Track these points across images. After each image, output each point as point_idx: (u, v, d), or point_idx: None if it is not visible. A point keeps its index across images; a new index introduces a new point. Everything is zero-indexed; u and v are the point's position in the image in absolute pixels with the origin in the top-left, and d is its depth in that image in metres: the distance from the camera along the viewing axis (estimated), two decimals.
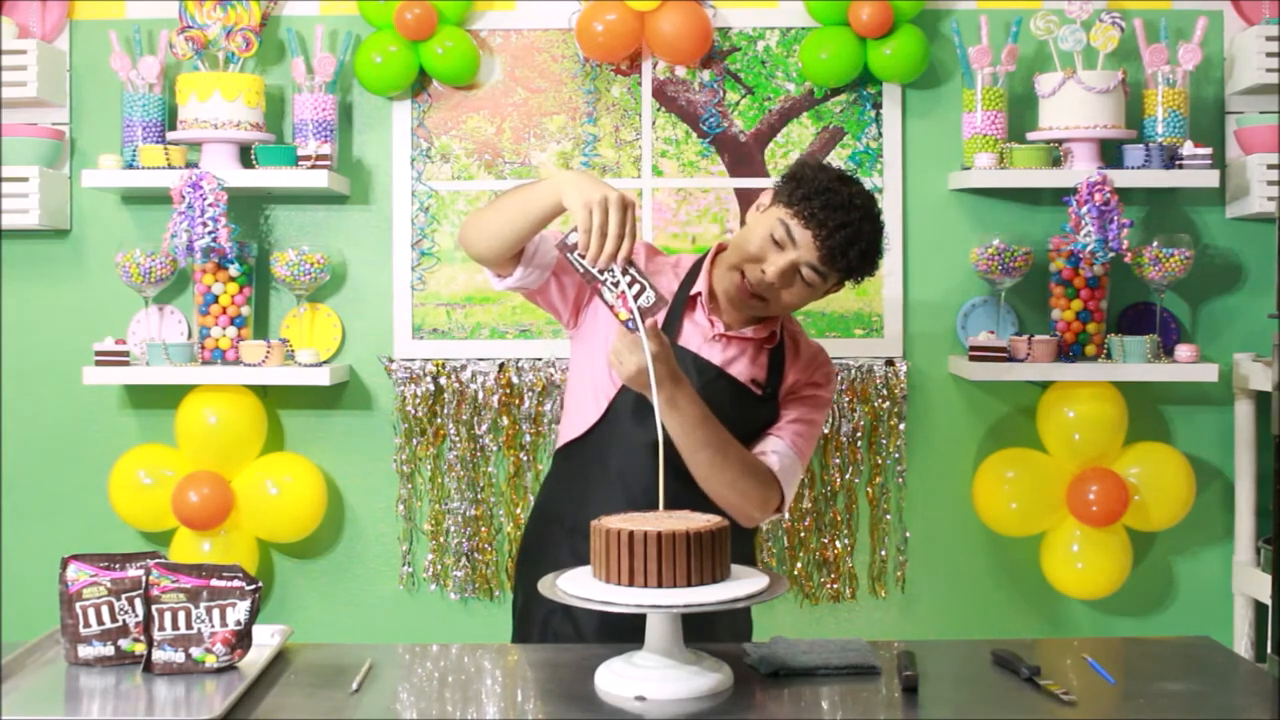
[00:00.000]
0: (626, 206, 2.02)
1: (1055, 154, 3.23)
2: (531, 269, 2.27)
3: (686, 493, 2.13)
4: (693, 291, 2.33)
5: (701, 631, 2.02)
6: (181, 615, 1.89)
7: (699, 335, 2.31)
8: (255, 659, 1.94)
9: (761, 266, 2.22)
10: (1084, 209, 3.10)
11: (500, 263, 2.25)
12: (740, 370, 2.30)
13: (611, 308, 2.05)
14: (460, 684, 1.93)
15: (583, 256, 2.04)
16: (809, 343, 2.42)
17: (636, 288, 2.04)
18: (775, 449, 2.28)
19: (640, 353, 2.06)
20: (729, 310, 2.32)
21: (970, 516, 3.37)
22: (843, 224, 2.19)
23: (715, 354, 2.30)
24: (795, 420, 2.33)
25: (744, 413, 2.28)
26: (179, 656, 1.89)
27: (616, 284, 2.04)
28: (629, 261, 2.04)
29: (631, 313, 2.03)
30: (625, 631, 2.03)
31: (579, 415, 2.33)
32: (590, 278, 2.05)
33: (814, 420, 2.36)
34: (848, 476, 3.35)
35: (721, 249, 2.36)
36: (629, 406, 2.27)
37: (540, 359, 3.34)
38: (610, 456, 2.29)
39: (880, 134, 3.36)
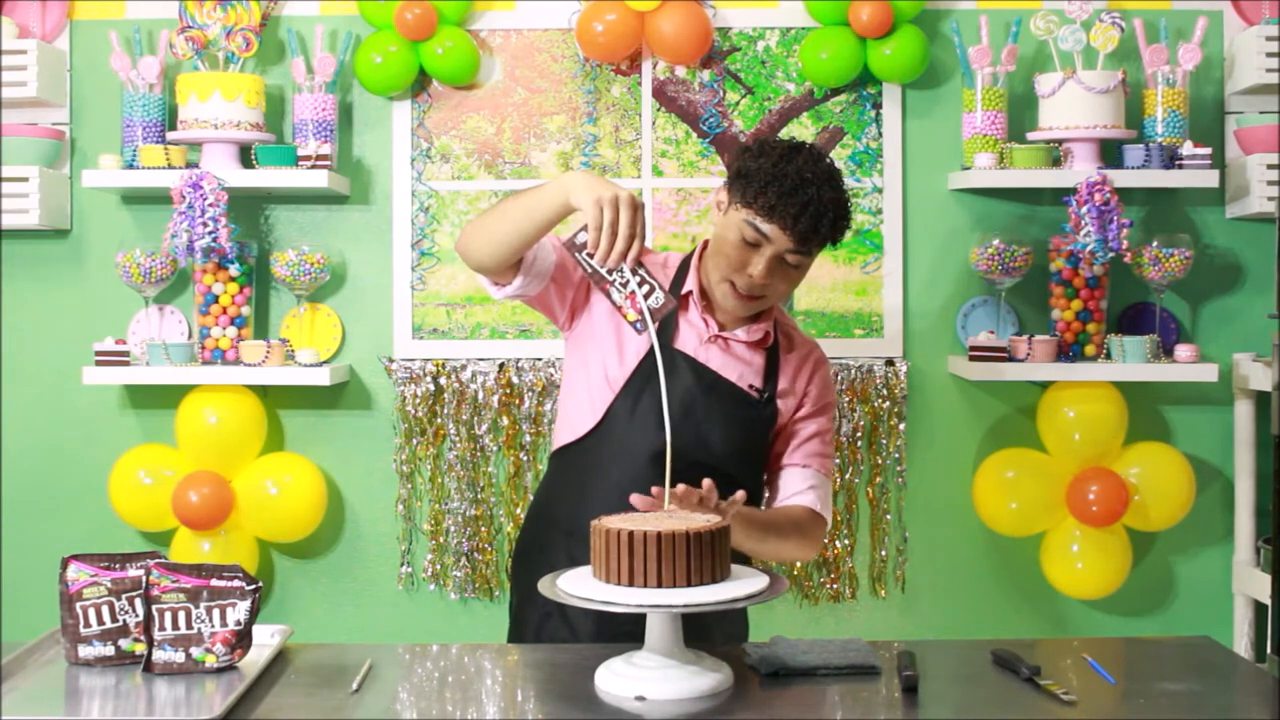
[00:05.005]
0: (637, 206, 2.01)
1: (1055, 154, 3.23)
2: (531, 277, 2.25)
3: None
4: (683, 291, 2.31)
5: (697, 632, 2.01)
6: (181, 615, 1.89)
7: (695, 337, 2.29)
8: (255, 659, 1.94)
9: (748, 271, 2.20)
10: (1084, 209, 3.10)
11: (500, 270, 2.22)
12: (737, 374, 2.28)
13: (619, 308, 2.02)
14: (460, 684, 1.93)
15: (591, 255, 2.02)
16: (803, 339, 2.41)
17: (646, 288, 2.01)
18: (811, 483, 2.32)
19: None
20: (723, 308, 2.30)
21: (970, 516, 3.37)
22: (805, 204, 2.14)
23: (712, 358, 2.28)
24: (814, 436, 2.34)
25: (742, 417, 2.27)
26: (179, 656, 1.89)
27: (626, 284, 2.02)
28: (638, 262, 2.02)
29: (640, 313, 2.01)
30: (621, 637, 2.03)
31: (576, 418, 2.31)
32: (598, 278, 2.03)
33: (828, 430, 2.38)
34: (848, 477, 3.35)
35: (708, 244, 2.34)
36: (628, 412, 2.25)
37: (540, 359, 3.34)
38: (609, 462, 2.26)
39: (880, 134, 3.36)
